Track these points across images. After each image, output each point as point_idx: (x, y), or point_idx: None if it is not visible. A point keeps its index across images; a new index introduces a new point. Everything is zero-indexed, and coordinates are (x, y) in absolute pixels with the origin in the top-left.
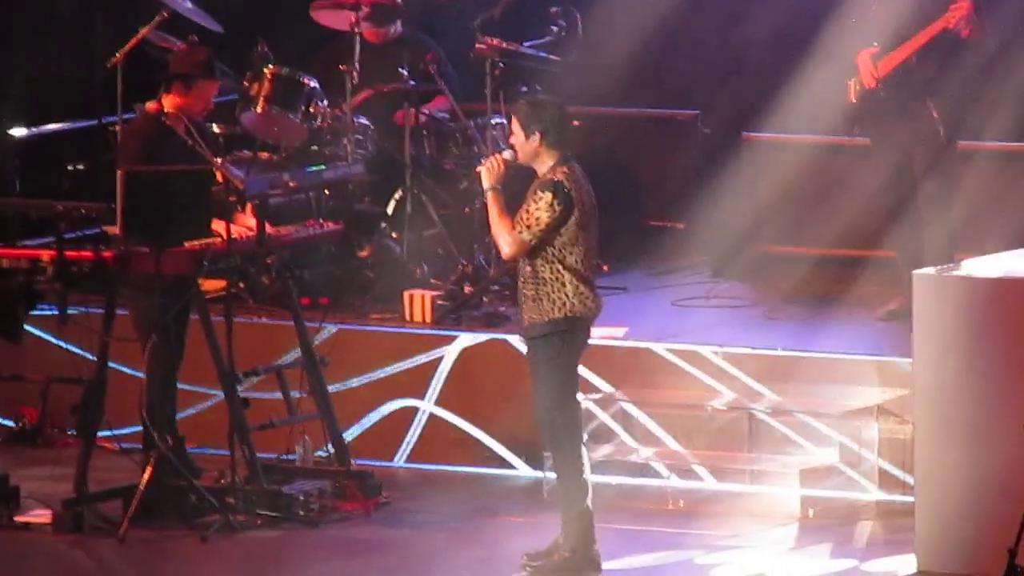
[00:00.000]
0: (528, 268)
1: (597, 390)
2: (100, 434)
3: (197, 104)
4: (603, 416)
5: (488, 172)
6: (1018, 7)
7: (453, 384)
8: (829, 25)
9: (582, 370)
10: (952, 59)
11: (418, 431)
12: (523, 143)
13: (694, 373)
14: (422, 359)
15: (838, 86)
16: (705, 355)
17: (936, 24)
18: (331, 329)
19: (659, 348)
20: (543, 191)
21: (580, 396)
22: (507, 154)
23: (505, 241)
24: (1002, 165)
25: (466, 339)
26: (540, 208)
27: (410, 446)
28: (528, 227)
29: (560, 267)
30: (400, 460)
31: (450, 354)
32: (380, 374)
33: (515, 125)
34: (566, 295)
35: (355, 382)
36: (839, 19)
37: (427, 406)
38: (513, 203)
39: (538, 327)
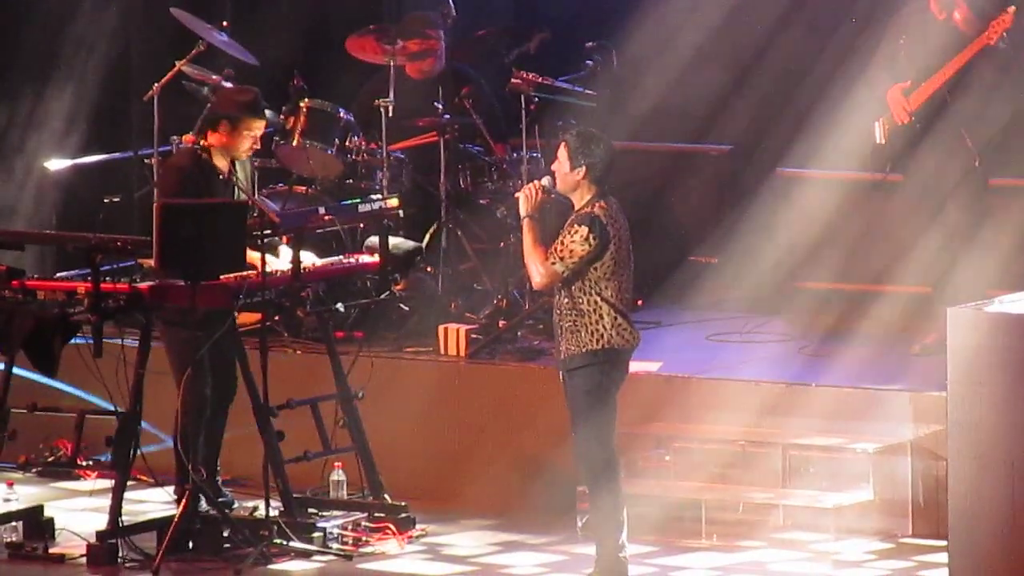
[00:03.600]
0: (566, 300)
1: (633, 423)
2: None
3: (243, 143)
4: (639, 449)
5: (526, 199)
6: None
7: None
8: (863, 61)
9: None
10: (990, 91)
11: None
12: (566, 173)
13: (729, 407)
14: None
15: (872, 122)
16: (740, 390)
17: (975, 44)
18: None
19: (693, 382)
20: (579, 224)
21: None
22: (546, 181)
23: (537, 271)
24: None
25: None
26: (575, 241)
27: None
28: (561, 259)
29: (598, 299)
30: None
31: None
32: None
33: (562, 154)
34: (604, 327)
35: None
36: (873, 55)
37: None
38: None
39: (576, 359)
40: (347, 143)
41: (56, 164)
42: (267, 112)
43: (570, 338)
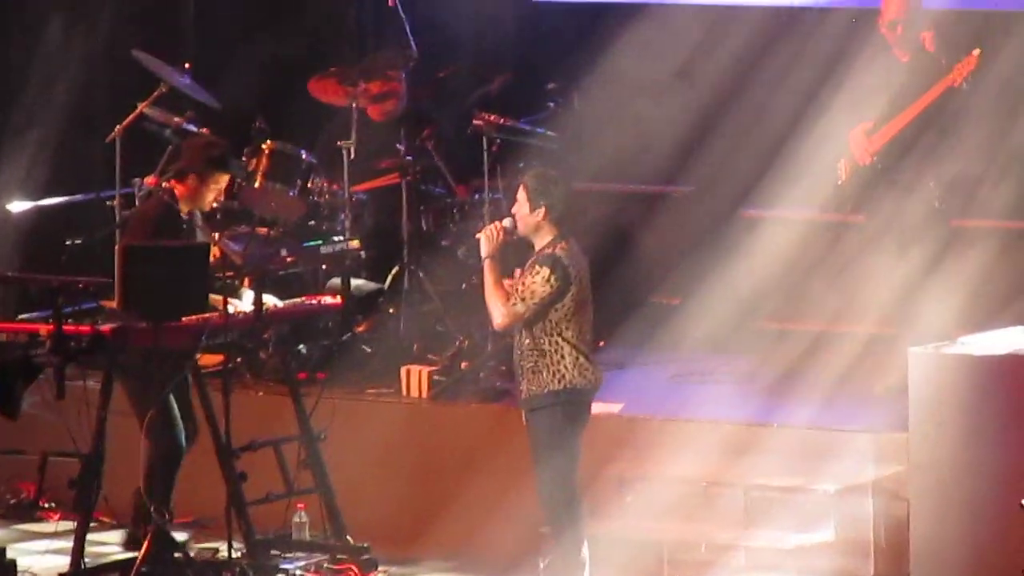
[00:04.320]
0: (528, 340)
1: (595, 463)
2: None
3: (209, 195)
4: (601, 490)
5: (487, 240)
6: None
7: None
8: (827, 102)
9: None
10: (953, 131)
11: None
12: (526, 215)
13: (690, 448)
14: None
15: (835, 163)
16: (702, 430)
17: (940, 85)
18: None
19: (655, 422)
20: (541, 266)
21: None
22: (507, 223)
23: (499, 312)
24: (1002, 243)
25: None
26: (536, 282)
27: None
28: (523, 299)
29: (560, 339)
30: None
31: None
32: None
33: (521, 195)
34: (566, 367)
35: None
36: (837, 96)
37: None
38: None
39: (538, 399)
40: (309, 184)
41: (18, 206)
42: (233, 163)
43: (532, 378)
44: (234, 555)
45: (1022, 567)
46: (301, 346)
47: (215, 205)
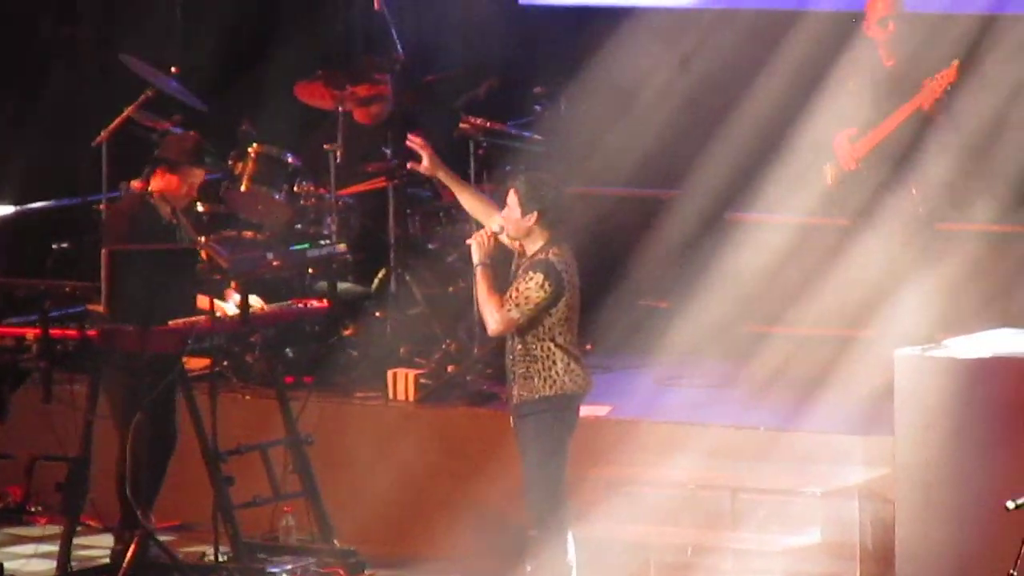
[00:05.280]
0: (519, 346)
1: (582, 467)
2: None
3: (181, 189)
4: (588, 493)
5: (478, 247)
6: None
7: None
8: (813, 106)
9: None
10: (934, 137)
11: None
12: (518, 219)
13: (678, 451)
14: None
15: (821, 167)
16: (689, 433)
17: (911, 103)
18: None
19: (643, 425)
20: (535, 271)
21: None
22: (496, 227)
23: (493, 318)
24: (984, 246)
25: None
26: (530, 288)
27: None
28: (517, 305)
29: (552, 345)
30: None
31: None
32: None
33: (512, 200)
34: (557, 373)
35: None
36: (822, 100)
37: None
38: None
39: (529, 405)
40: (296, 188)
41: (3, 210)
42: (209, 160)
43: (523, 384)
44: (221, 559)
45: (1008, 570)
46: (288, 350)
47: (199, 208)
